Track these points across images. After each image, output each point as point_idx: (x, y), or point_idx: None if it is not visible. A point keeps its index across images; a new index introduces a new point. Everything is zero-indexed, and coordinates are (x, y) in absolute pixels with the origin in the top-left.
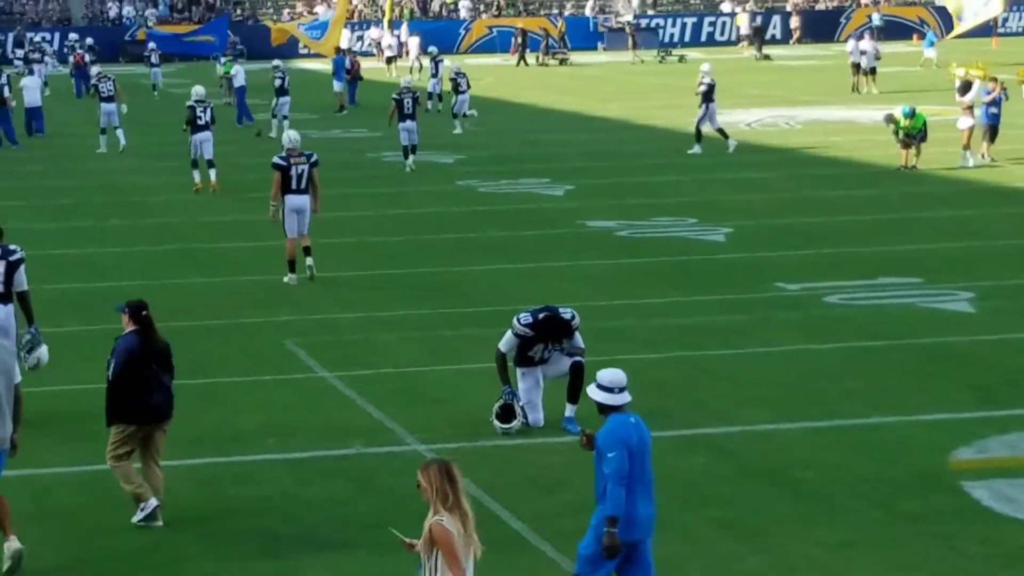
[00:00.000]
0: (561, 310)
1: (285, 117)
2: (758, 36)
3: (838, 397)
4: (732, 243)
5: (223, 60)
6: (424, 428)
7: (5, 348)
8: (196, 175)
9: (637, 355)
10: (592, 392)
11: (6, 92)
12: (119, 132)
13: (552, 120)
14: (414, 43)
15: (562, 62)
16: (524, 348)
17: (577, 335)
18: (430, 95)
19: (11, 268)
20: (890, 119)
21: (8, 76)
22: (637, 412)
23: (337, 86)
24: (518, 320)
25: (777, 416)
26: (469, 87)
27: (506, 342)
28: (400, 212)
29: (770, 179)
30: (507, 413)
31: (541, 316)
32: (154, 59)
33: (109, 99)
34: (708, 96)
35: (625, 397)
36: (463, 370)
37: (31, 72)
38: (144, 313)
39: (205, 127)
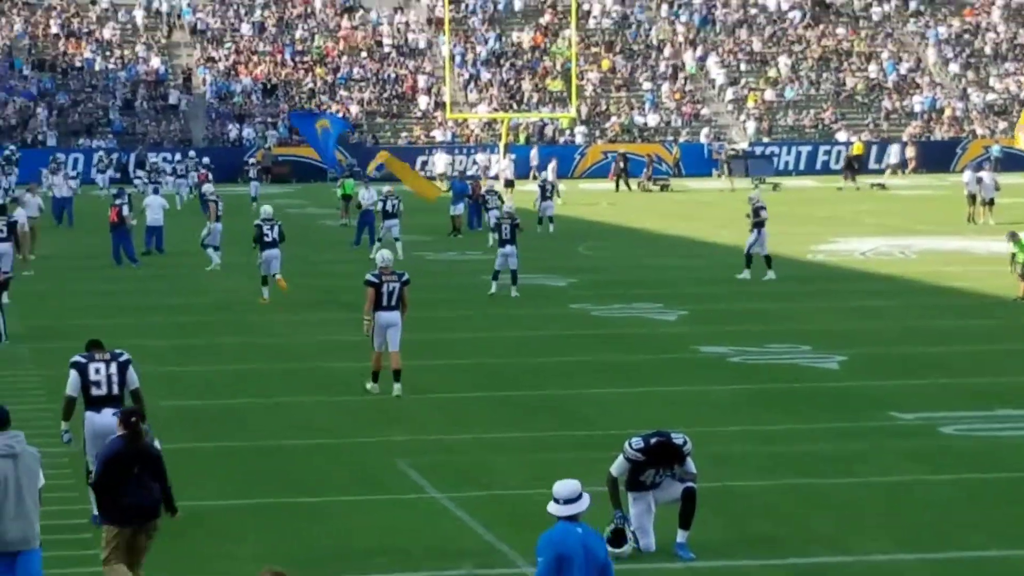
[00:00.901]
0: (673, 435)
1: (397, 239)
2: (851, 168)
3: (955, 528)
4: (846, 371)
5: (340, 181)
6: (535, 551)
7: (31, 453)
8: (265, 291)
9: (749, 481)
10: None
11: (126, 211)
12: (211, 251)
13: (665, 245)
14: (503, 165)
15: (663, 188)
16: (636, 472)
17: (689, 460)
18: (540, 219)
19: (122, 369)
20: (1014, 236)
21: (129, 195)
22: (747, 538)
23: (455, 209)
24: (630, 444)
25: (893, 546)
26: (557, 195)
27: (618, 466)
28: (514, 334)
29: (885, 307)
30: (618, 538)
31: (653, 441)
32: (252, 173)
33: (219, 219)
34: (760, 222)
35: (572, 508)
36: None
37: (153, 191)
38: (133, 420)
39: (272, 244)
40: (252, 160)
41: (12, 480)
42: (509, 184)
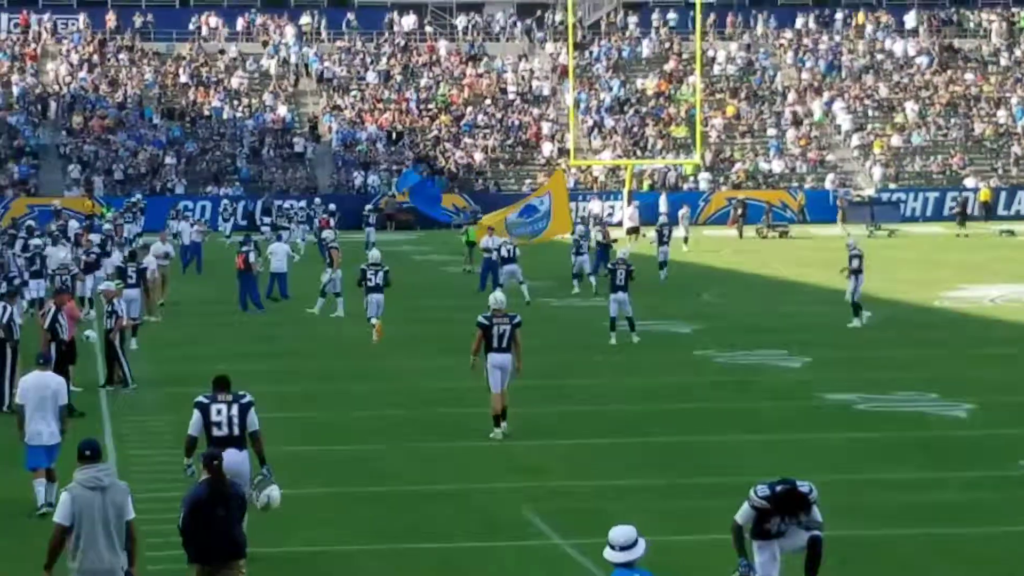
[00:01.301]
0: (799, 483)
1: (522, 283)
2: (962, 213)
3: None
4: (975, 419)
5: (465, 228)
6: None
7: (119, 486)
8: (375, 334)
9: (876, 531)
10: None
11: (253, 258)
12: (330, 298)
13: (788, 291)
14: (628, 212)
15: (782, 235)
16: (761, 521)
17: (815, 509)
18: (661, 264)
19: (243, 411)
20: None
21: (255, 242)
22: None
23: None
24: (755, 492)
25: None
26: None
27: (743, 514)
28: (637, 381)
29: (1014, 355)
30: None
31: (779, 489)
32: (371, 219)
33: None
34: (856, 270)
35: (628, 555)
36: (699, 541)
37: (277, 238)
38: (215, 463)
39: (376, 288)
40: (369, 207)
41: (99, 512)
42: (633, 231)
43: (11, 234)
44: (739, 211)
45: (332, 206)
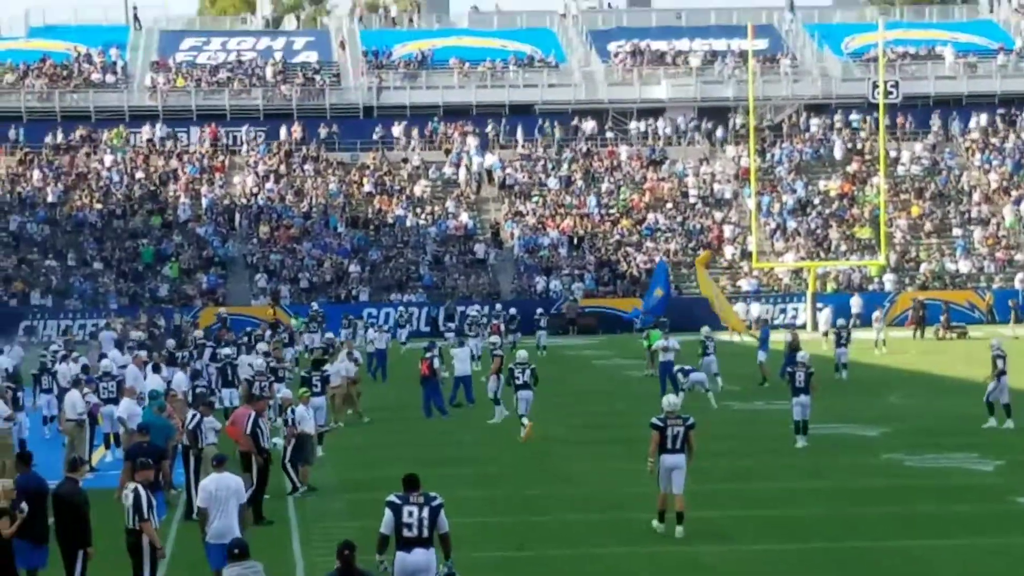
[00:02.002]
0: None
1: (708, 390)
2: None
3: None
4: None
5: (647, 332)
6: None
7: (252, 568)
8: (524, 432)
9: None
10: None
11: (436, 363)
12: (496, 408)
13: (974, 393)
14: (824, 316)
15: (960, 335)
16: None
17: None
18: (837, 366)
19: (434, 513)
20: None
21: (440, 348)
22: None
23: (762, 356)
24: None
25: None
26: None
27: None
28: (824, 484)
29: None
30: None
31: None
32: (542, 323)
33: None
34: (1001, 372)
35: None
36: None
37: (461, 344)
38: (346, 553)
39: (525, 386)
40: (540, 310)
41: None
42: (825, 333)
43: (201, 343)
44: (920, 312)
45: (513, 310)
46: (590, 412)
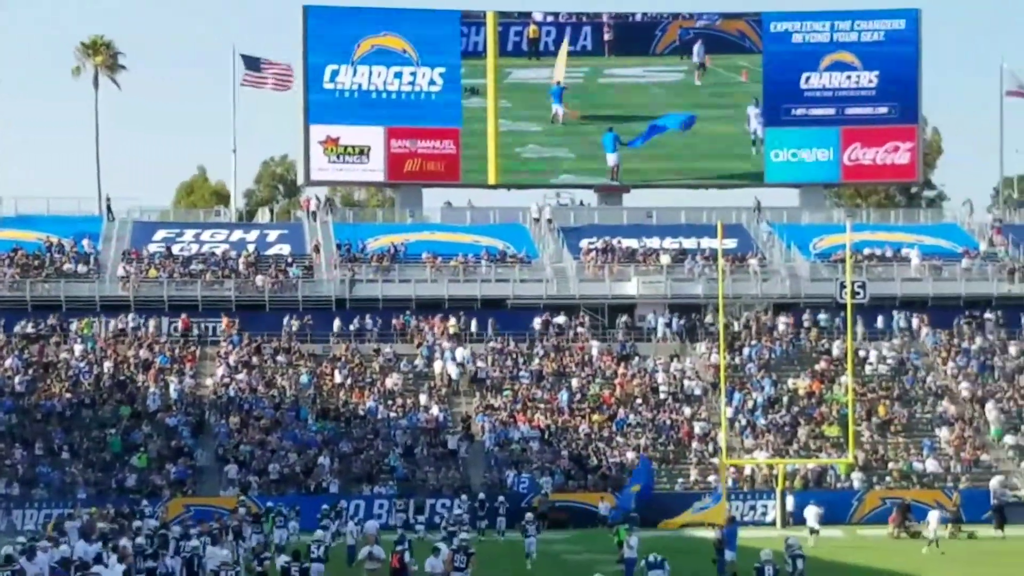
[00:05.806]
0: None
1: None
2: None
3: None
4: None
5: (615, 528)
6: None
7: None
8: None
9: None
10: None
11: (407, 557)
12: None
13: None
14: (811, 512)
15: (914, 535)
16: None
17: None
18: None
19: None
20: None
21: (409, 541)
22: None
23: (729, 555)
24: None
25: None
26: None
27: None
28: None
29: None
30: None
31: None
32: (530, 530)
33: None
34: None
35: None
36: None
37: (436, 552)
38: None
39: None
40: (530, 515)
41: None
42: (813, 531)
43: (163, 535)
44: (904, 512)
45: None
46: None
